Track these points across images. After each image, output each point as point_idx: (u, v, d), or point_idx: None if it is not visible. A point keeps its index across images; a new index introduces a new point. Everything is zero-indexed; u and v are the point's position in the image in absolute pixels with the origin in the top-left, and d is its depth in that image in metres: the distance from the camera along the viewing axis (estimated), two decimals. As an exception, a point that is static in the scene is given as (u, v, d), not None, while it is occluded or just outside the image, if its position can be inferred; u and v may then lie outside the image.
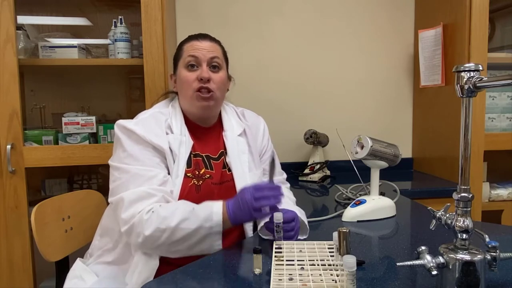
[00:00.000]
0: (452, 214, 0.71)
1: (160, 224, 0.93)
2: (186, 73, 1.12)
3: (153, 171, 1.01)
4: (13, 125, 1.47)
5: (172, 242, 0.94)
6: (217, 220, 0.94)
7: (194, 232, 0.94)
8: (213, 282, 0.80)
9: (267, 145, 1.30)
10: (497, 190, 1.86)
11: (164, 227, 0.93)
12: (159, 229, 0.93)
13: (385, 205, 1.26)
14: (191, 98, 1.11)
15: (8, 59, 1.45)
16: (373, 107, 2.14)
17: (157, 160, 1.04)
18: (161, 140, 1.05)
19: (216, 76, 1.12)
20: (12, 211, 1.49)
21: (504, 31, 2.04)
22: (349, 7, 2.08)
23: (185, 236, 0.94)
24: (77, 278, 1.08)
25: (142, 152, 1.03)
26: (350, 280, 0.68)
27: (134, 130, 1.03)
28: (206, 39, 1.15)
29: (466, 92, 0.67)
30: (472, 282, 0.66)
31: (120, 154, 1.04)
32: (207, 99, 1.10)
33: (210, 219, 0.94)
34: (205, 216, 0.94)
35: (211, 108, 1.14)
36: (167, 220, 0.93)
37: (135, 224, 0.94)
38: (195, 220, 0.93)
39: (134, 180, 0.99)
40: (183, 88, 1.13)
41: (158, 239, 0.94)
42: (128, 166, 1.01)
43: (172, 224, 0.93)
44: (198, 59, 1.11)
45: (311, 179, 1.90)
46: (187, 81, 1.11)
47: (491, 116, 1.83)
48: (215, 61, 1.13)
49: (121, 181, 1.01)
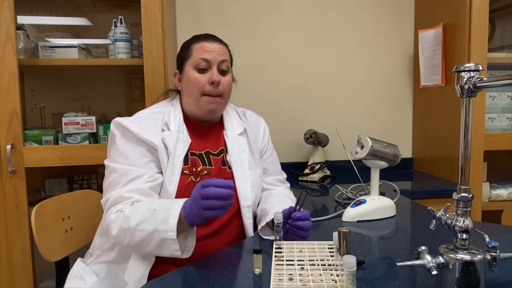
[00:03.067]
0: (452, 214, 0.71)
1: (123, 223, 0.93)
2: (196, 75, 1.11)
3: (139, 171, 1.02)
4: (13, 125, 1.47)
5: (136, 243, 0.93)
6: (172, 224, 0.87)
7: (151, 236, 0.90)
8: (213, 282, 0.80)
9: (267, 144, 1.30)
10: (497, 190, 1.86)
11: (126, 227, 0.93)
12: (123, 229, 0.93)
13: (385, 205, 1.26)
14: (198, 100, 1.12)
15: (8, 59, 1.45)
16: (373, 107, 2.14)
17: (146, 159, 1.05)
18: (154, 137, 1.06)
19: (224, 80, 1.13)
20: (12, 211, 1.49)
21: (504, 31, 2.04)
22: (349, 7, 2.08)
23: (144, 239, 0.91)
24: (77, 278, 1.08)
25: (132, 150, 1.04)
26: (350, 280, 0.68)
27: (129, 127, 1.05)
28: (216, 41, 1.15)
29: (466, 92, 0.67)
30: (472, 282, 0.66)
31: (113, 152, 1.06)
32: (216, 102, 1.12)
33: (165, 222, 0.88)
34: (161, 219, 0.89)
35: (217, 111, 1.15)
36: (129, 219, 0.93)
37: (108, 225, 0.97)
38: (152, 222, 0.90)
39: (120, 179, 1.01)
40: (190, 88, 1.13)
41: (124, 239, 0.94)
42: (116, 165, 1.03)
43: (132, 224, 0.92)
44: (209, 62, 1.11)
45: (311, 179, 1.90)
46: (197, 83, 1.11)
47: (491, 116, 1.83)
48: (224, 65, 1.14)
49: (109, 180, 1.03)
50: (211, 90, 1.10)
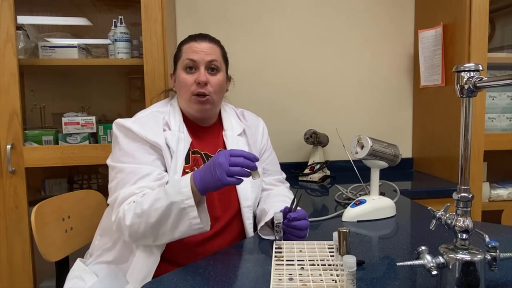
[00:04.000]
0: (452, 214, 0.71)
1: (136, 209, 0.94)
2: (184, 76, 1.12)
3: (147, 168, 1.02)
4: (13, 125, 1.47)
5: (152, 226, 0.93)
6: (186, 192, 0.90)
7: (168, 210, 0.91)
8: (213, 282, 0.80)
9: (266, 144, 1.30)
10: (497, 190, 1.86)
11: (140, 212, 0.93)
12: (136, 215, 0.93)
13: (385, 205, 1.26)
14: (189, 100, 1.12)
15: (8, 59, 1.45)
16: (373, 107, 2.14)
17: (153, 157, 1.05)
18: (157, 137, 1.06)
19: (213, 79, 1.13)
20: (12, 211, 1.49)
21: (504, 31, 2.04)
22: (349, 7, 2.08)
23: (160, 216, 0.92)
24: (77, 278, 1.08)
25: (138, 149, 1.04)
26: (350, 280, 0.68)
27: (131, 128, 1.05)
28: (205, 40, 1.15)
29: (466, 92, 0.67)
30: (472, 282, 0.66)
31: (117, 152, 1.06)
32: (203, 102, 1.11)
33: (179, 192, 0.90)
34: (174, 191, 0.91)
35: (207, 111, 1.15)
36: (142, 204, 0.93)
37: (120, 219, 0.96)
38: (166, 198, 0.91)
39: (129, 178, 1.00)
40: (181, 90, 1.14)
41: (139, 226, 0.94)
42: (123, 165, 1.02)
43: (145, 206, 0.92)
44: (196, 62, 1.11)
45: (311, 179, 1.90)
46: (185, 84, 1.12)
47: (491, 116, 1.83)
48: (213, 64, 1.13)
49: (117, 180, 1.02)
50: (199, 90, 1.10)
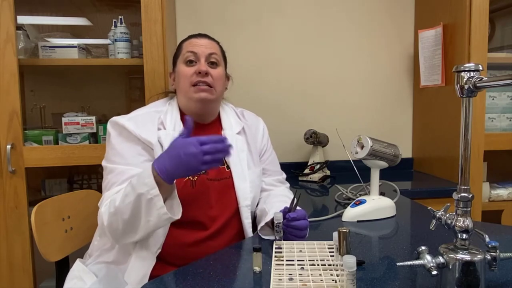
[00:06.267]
0: (452, 214, 0.71)
1: (110, 208, 0.95)
2: (185, 68, 1.13)
3: (135, 170, 1.02)
4: (13, 125, 1.47)
5: (127, 222, 0.93)
6: (149, 182, 0.89)
7: (137, 203, 0.90)
8: (213, 282, 0.80)
9: (266, 144, 1.30)
10: (497, 190, 1.86)
11: (113, 210, 0.94)
12: (111, 214, 0.95)
13: (385, 205, 1.26)
14: (188, 91, 1.12)
15: (8, 59, 1.45)
16: (373, 107, 2.14)
17: (143, 158, 1.06)
18: (150, 135, 1.07)
19: (214, 72, 1.14)
20: (12, 211, 1.49)
21: (504, 31, 2.04)
22: (349, 7, 2.08)
23: (132, 211, 0.91)
24: (76, 279, 1.08)
25: (129, 150, 1.05)
26: (350, 280, 0.68)
27: (125, 125, 1.06)
28: (205, 38, 1.18)
29: (466, 92, 0.67)
30: (472, 282, 0.66)
31: (109, 151, 1.07)
32: (204, 90, 1.11)
33: (143, 184, 0.89)
34: (139, 183, 0.90)
35: (208, 101, 1.13)
36: (114, 202, 0.95)
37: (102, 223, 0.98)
38: (133, 191, 0.91)
39: (117, 179, 1.02)
40: (180, 82, 1.14)
41: (117, 224, 0.95)
42: (113, 166, 1.04)
43: (117, 203, 0.93)
44: (196, 54, 1.13)
45: (311, 179, 1.90)
46: (185, 75, 1.12)
47: (491, 116, 1.83)
48: (213, 57, 1.14)
49: (107, 181, 1.04)
50: (199, 80, 1.11)
